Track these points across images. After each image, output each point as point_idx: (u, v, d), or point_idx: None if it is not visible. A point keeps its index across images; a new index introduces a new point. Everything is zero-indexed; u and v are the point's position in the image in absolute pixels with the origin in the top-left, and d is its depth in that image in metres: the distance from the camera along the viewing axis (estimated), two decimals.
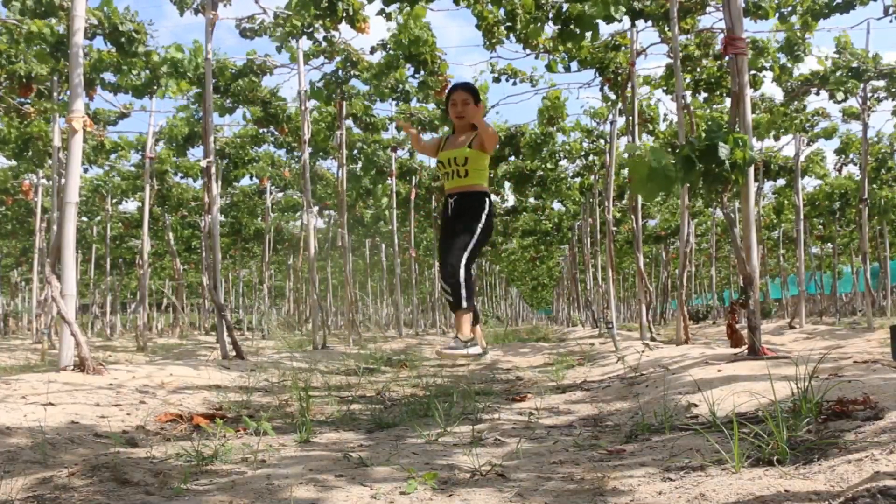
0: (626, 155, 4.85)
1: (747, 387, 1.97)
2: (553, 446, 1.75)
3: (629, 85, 5.14)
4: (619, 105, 5.91)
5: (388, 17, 5.07)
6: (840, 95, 6.36)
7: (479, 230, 4.19)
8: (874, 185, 10.04)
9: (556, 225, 14.64)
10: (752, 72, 6.10)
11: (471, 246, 4.13)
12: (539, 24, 4.88)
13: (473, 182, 4.22)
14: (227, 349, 4.23)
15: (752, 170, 2.68)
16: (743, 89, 2.72)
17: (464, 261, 4.13)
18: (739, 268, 2.77)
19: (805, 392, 1.56)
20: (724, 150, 2.42)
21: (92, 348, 6.10)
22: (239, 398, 2.69)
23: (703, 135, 2.49)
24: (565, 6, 4.45)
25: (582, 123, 8.90)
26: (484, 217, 4.24)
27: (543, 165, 9.54)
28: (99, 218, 12.39)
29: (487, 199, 4.22)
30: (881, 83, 6.67)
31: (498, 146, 4.44)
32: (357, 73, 6.28)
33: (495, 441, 1.83)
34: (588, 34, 4.36)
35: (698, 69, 6.17)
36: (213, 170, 4.41)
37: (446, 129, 7.03)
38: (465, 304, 3.94)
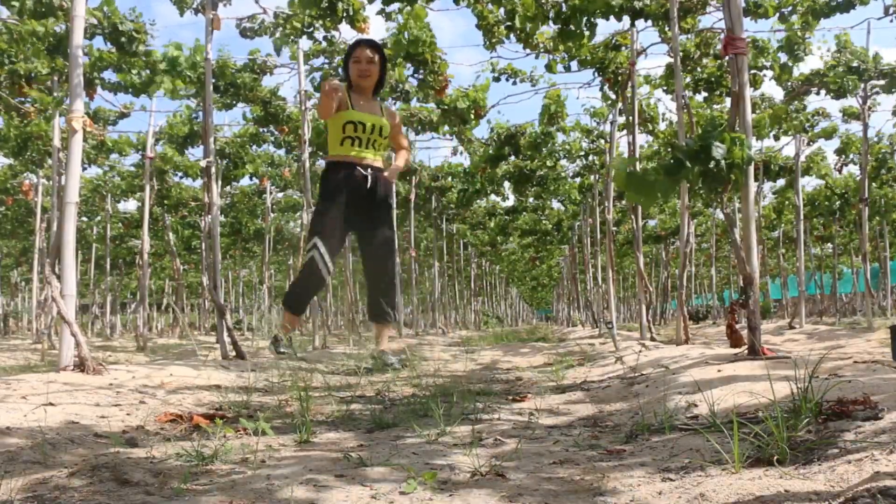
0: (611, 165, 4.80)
1: (747, 387, 1.97)
2: (553, 446, 1.75)
3: (629, 85, 5.14)
4: (619, 105, 5.91)
5: (388, 17, 5.06)
6: (836, 86, 6.35)
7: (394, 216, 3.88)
8: (874, 185, 10.04)
9: (556, 225, 14.65)
10: (752, 71, 6.10)
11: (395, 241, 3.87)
12: (538, 22, 4.87)
13: (381, 157, 3.85)
14: (227, 349, 4.23)
15: (751, 170, 2.68)
16: (743, 89, 2.72)
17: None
18: (739, 268, 2.77)
19: (805, 392, 1.56)
20: (718, 150, 2.41)
21: (92, 348, 6.10)
22: (239, 398, 2.69)
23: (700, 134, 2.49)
24: (564, 6, 4.45)
25: (582, 123, 8.91)
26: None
27: (543, 165, 9.55)
28: (99, 218, 12.39)
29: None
30: (881, 83, 6.67)
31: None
32: None
33: (495, 441, 1.83)
34: (586, 31, 4.35)
35: (698, 69, 6.17)
36: (213, 170, 4.41)
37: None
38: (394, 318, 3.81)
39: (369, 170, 3.72)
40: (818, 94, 6.94)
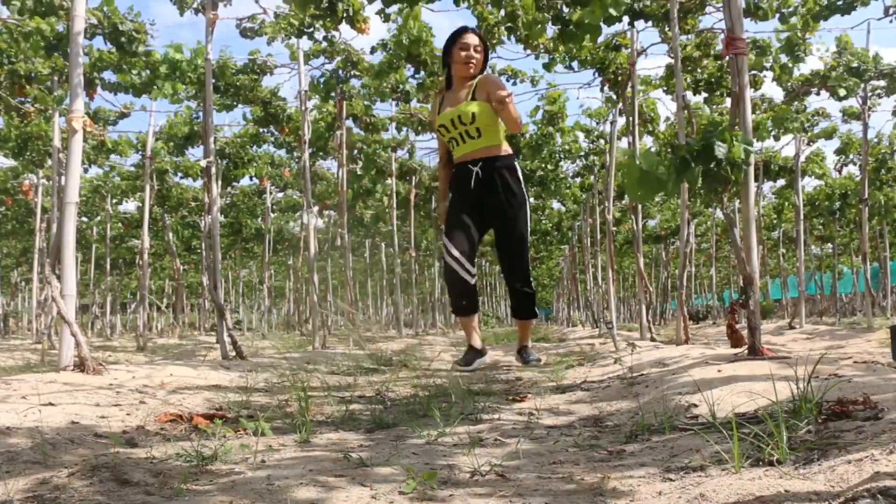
0: (619, 159, 4.73)
1: (747, 387, 1.97)
2: (553, 446, 1.75)
3: (629, 85, 5.14)
4: (620, 105, 5.91)
5: (386, 18, 5.05)
6: (842, 91, 6.35)
7: (527, 210, 3.62)
8: (874, 186, 10.05)
9: (556, 225, 14.65)
10: (752, 73, 6.10)
11: (528, 239, 3.63)
12: (540, 26, 4.86)
13: (492, 142, 3.57)
14: (227, 349, 4.23)
15: (751, 169, 2.68)
16: (743, 89, 2.72)
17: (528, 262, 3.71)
18: (739, 268, 2.77)
19: (805, 392, 1.56)
20: (720, 150, 2.41)
21: (92, 348, 6.10)
22: (239, 398, 2.69)
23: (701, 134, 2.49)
24: (565, 9, 4.44)
25: (582, 124, 8.91)
26: (524, 189, 3.63)
27: (544, 165, 9.55)
28: (99, 218, 12.39)
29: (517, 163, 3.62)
30: (882, 84, 6.67)
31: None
32: (357, 72, 6.28)
33: (495, 441, 1.83)
34: (587, 36, 4.34)
35: (698, 69, 6.17)
36: (213, 170, 4.41)
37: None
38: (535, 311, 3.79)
39: (472, 164, 3.57)
40: (818, 94, 6.95)
